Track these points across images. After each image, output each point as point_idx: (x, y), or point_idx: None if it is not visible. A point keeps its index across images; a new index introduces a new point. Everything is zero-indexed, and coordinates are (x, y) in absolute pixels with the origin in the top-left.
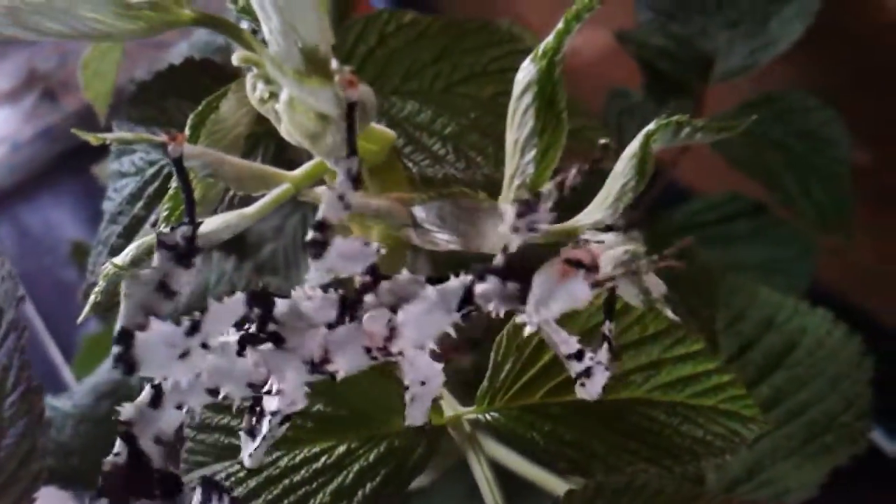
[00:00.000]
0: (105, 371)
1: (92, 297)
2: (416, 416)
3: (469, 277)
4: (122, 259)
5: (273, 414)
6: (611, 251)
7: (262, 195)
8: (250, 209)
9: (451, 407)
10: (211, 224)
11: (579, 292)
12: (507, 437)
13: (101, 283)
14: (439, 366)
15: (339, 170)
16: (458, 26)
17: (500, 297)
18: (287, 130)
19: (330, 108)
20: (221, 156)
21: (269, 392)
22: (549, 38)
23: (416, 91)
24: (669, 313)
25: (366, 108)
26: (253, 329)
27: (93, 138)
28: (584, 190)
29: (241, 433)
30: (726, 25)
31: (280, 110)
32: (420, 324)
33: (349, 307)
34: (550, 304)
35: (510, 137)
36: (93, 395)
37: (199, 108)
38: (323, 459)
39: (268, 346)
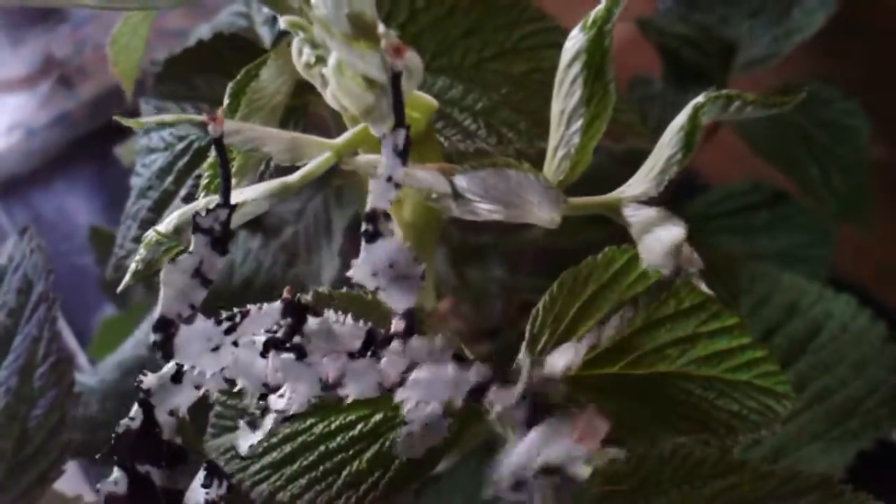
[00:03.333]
0: (130, 348)
1: (133, 266)
2: (403, 448)
3: (490, 374)
4: (165, 227)
5: (278, 412)
6: (661, 228)
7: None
8: (293, 177)
9: None
10: (254, 192)
11: (577, 456)
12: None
13: (142, 252)
14: (445, 421)
15: (384, 146)
16: (489, 3)
17: (508, 412)
18: (333, 95)
19: (377, 73)
20: (261, 129)
21: (280, 395)
22: (600, 6)
23: (447, 67)
24: (704, 287)
25: (412, 74)
26: (280, 335)
27: (134, 123)
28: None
29: (242, 423)
30: (748, 14)
31: (327, 74)
32: (430, 389)
33: (374, 344)
34: (540, 457)
35: (556, 107)
36: (118, 371)
37: (239, 76)
38: (359, 427)
39: (290, 356)
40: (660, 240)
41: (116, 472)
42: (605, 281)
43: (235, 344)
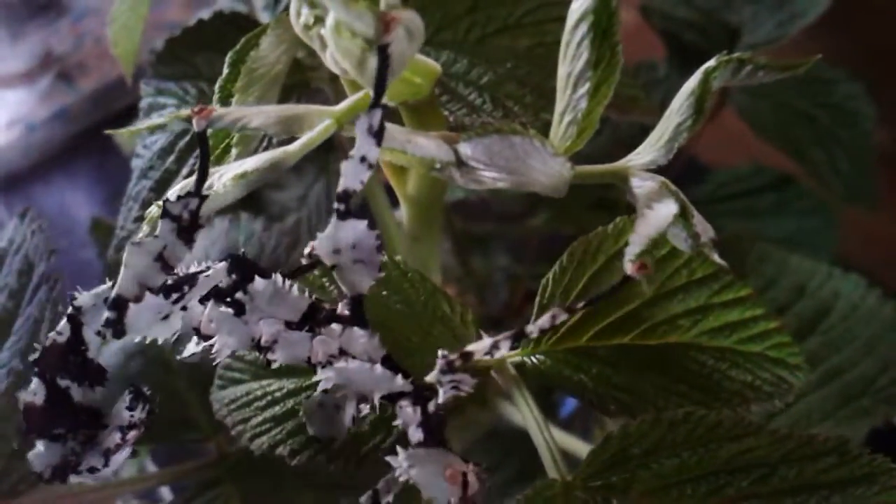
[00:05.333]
0: None
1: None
2: (309, 423)
3: (409, 388)
4: (179, 193)
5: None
6: (660, 203)
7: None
8: (293, 146)
9: None
10: (255, 162)
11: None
12: (553, 380)
13: (146, 228)
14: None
15: (358, 126)
16: None
17: (408, 427)
18: (332, 57)
19: (373, 35)
20: (252, 109)
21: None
22: None
23: (450, 42)
24: (716, 258)
25: (413, 36)
26: (223, 286)
27: (126, 132)
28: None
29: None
30: None
31: (326, 35)
32: (350, 379)
33: (313, 320)
34: (423, 489)
35: (562, 70)
36: (121, 355)
37: (238, 46)
38: None
39: (228, 311)
40: (656, 216)
41: (35, 383)
42: (614, 252)
43: (184, 309)
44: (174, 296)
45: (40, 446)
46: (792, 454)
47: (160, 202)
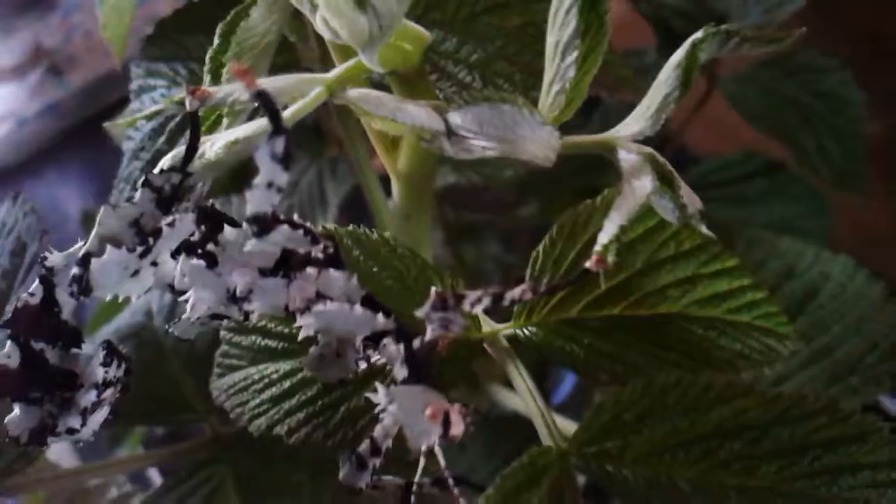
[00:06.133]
0: (127, 316)
1: None
2: (309, 366)
3: (391, 325)
4: (162, 165)
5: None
6: (639, 181)
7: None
8: (286, 112)
9: (487, 325)
10: (245, 130)
11: (422, 430)
12: (545, 351)
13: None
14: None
15: (261, 154)
16: None
17: (392, 365)
18: (322, 20)
19: None
20: (241, 85)
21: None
22: None
23: (440, 20)
24: (704, 229)
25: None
26: (195, 239)
27: (124, 123)
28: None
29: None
30: None
31: None
32: (330, 322)
33: (288, 265)
34: (405, 427)
35: (551, 39)
36: (115, 338)
37: (229, 17)
38: None
39: (200, 262)
40: (633, 191)
41: (9, 346)
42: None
43: (154, 265)
44: (140, 249)
45: (17, 410)
46: (784, 415)
47: (154, 172)
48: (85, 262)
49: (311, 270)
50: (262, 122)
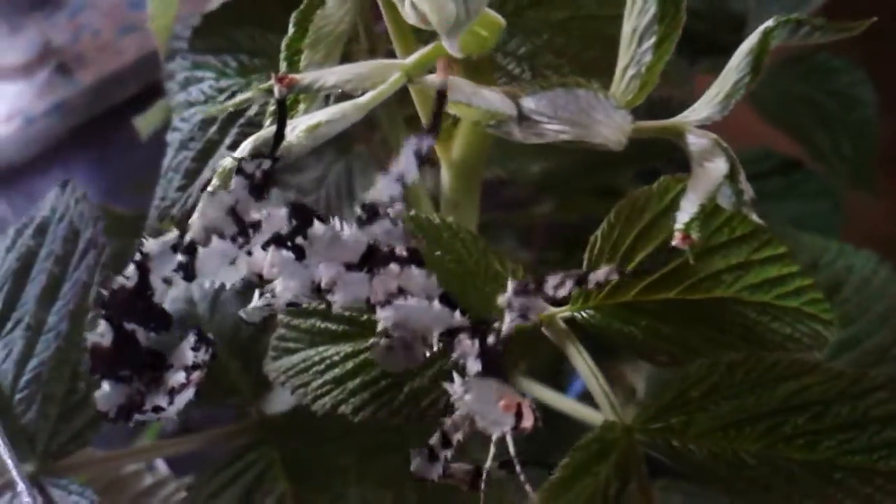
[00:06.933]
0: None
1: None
2: (378, 358)
3: (467, 323)
4: (240, 153)
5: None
6: (712, 163)
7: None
8: (364, 98)
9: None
10: (326, 114)
11: (507, 421)
12: (603, 333)
13: (216, 181)
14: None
15: (406, 147)
16: None
17: (466, 360)
18: (411, 4)
19: None
20: (325, 72)
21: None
22: None
23: None
24: (755, 217)
25: None
26: (284, 232)
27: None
28: None
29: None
30: None
31: None
32: (408, 316)
33: (372, 261)
34: (478, 417)
35: (627, 26)
36: None
37: (303, 6)
38: None
39: (289, 254)
40: (708, 173)
41: (103, 326)
42: (660, 210)
43: (249, 254)
44: (240, 240)
45: (106, 387)
46: (845, 391)
47: (234, 156)
48: (191, 250)
49: (394, 266)
50: (342, 106)
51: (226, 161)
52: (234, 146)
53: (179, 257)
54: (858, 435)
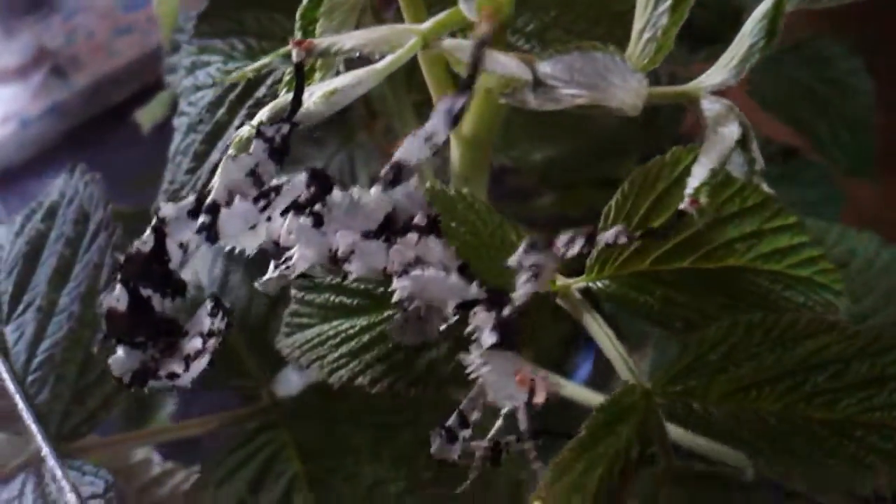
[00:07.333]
0: None
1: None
2: (393, 332)
3: (484, 295)
4: (257, 121)
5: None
6: (725, 128)
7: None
8: (380, 64)
9: (559, 279)
10: (342, 81)
11: (520, 396)
12: (619, 302)
13: (232, 151)
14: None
15: (439, 107)
16: None
17: (481, 332)
18: None
19: None
20: (343, 36)
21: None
22: None
23: None
24: (765, 187)
25: None
26: (302, 199)
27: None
28: None
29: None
30: None
31: None
32: (425, 287)
33: (390, 230)
34: (492, 390)
35: None
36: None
37: None
38: None
39: (307, 221)
40: (721, 138)
41: (119, 290)
42: (673, 179)
43: (269, 220)
44: (262, 202)
45: (120, 352)
46: (865, 350)
47: (251, 124)
48: (214, 210)
49: (412, 236)
50: (359, 73)
51: (243, 130)
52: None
53: (202, 218)
54: (878, 392)
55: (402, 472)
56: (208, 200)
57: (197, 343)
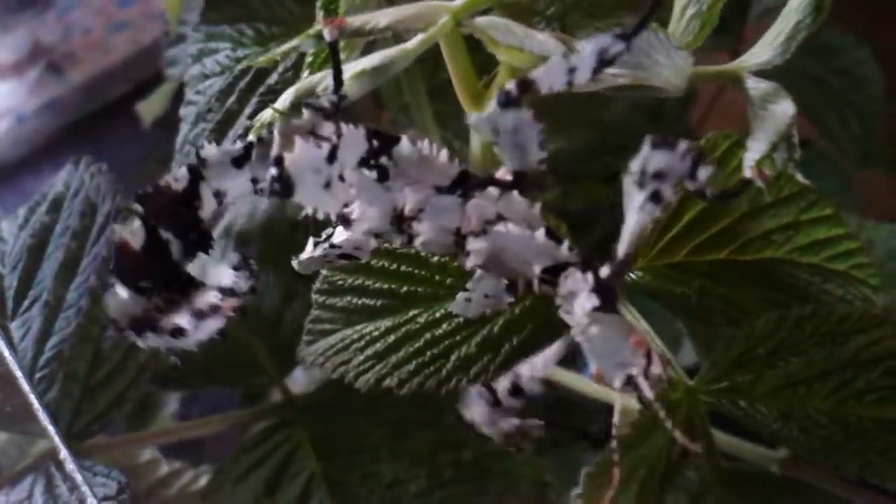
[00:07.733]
0: None
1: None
2: (457, 307)
3: (577, 260)
4: (281, 104)
5: (333, 247)
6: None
7: None
8: (410, 43)
9: None
10: (370, 61)
11: (637, 362)
12: (654, 294)
13: (255, 132)
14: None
15: (589, 45)
16: None
17: (576, 297)
18: None
19: None
20: (376, 13)
21: (348, 222)
22: None
23: None
24: (800, 177)
25: None
26: (366, 152)
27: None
28: None
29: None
30: None
31: None
32: (508, 248)
33: (466, 184)
34: (601, 361)
35: None
36: None
37: None
38: None
39: (371, 174)
40: (773, 115)
41: (136, 225)
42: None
43: (342, 178)
44: (326, 148)
45: (123, 293)
46: None
47: (275, 106)
48: (279, 161)
49: (493, 190)
50: (389, 52)
51: (265, 114)
52: (253, 116)
53: (272, 170)
54: None
55: (422, 471)
56: (274, 152)
57: (213, 296)
